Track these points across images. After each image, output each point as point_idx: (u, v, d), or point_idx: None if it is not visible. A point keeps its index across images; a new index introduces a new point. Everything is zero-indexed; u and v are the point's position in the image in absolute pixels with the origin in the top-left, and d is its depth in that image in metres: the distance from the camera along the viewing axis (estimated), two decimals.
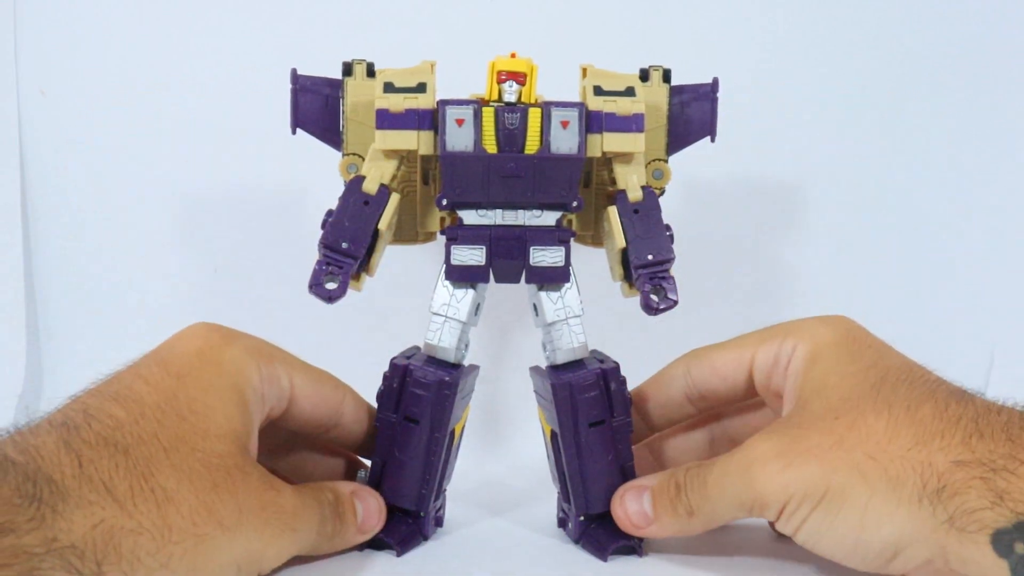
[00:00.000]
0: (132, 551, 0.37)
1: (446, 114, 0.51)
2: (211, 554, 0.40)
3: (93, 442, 0.39)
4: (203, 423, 0.44)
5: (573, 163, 0.52)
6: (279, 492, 0.46)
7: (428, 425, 0.54)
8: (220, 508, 0.41)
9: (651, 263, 0.54)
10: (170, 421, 0.42)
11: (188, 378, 0.45)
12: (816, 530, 0.44)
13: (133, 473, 0.39)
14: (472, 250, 0.54)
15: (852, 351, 0.49)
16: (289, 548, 0.46)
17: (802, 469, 0.44)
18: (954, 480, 0.40)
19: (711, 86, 0.57)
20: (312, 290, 0.52)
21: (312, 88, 0.56)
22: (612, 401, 0.55)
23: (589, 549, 0.56)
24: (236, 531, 0.42)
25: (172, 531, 0.39)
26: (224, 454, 0.43)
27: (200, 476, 0.41)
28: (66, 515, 0.36)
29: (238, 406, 0.46)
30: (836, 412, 0.46)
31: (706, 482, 0.49)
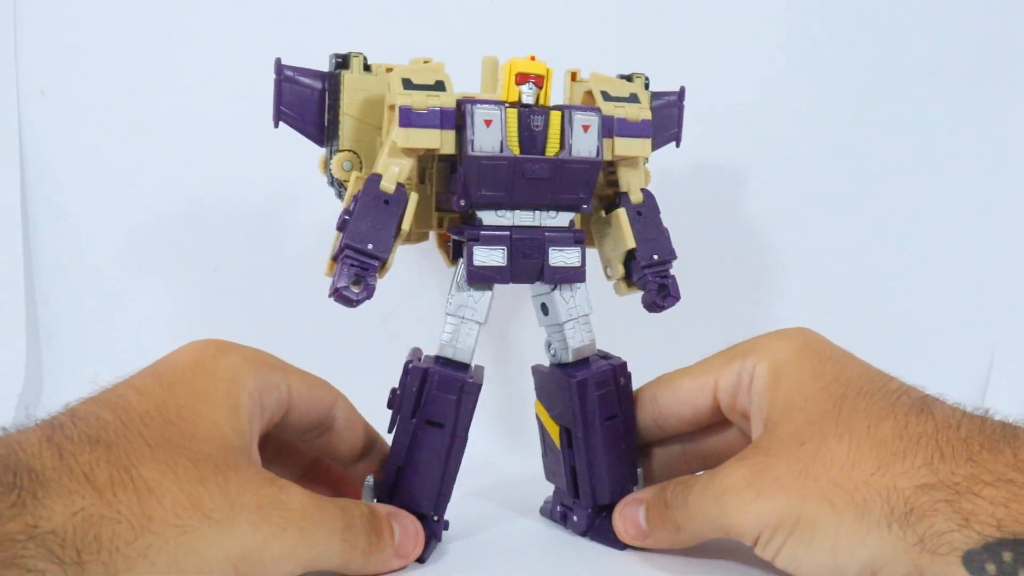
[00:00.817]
0: (111, 540, 0.37)
1: (473, 114, 0.51)
2: (197, 548, 0.39)
3: (76, 438, 0.39)
4: (190, 428, 0.43)
5: (592, 166, 0.53)
6: (283, 489, 0.44)
7: (451, 428, 0.54)
8: (207, 501, 0.40)
9: (656, 263, 0.56)
10: (156, 425, 0.42)
11: (178, 387, 0.45)
12: (793, 556, 0.45)
13: (114, 465, 0.38)
14: (493, 251, 0.53)
15: (813, 366, 0.50)
16: (297, 551, 0.43)
17: (772, 500, 0.45)
18: (920, 504, 0.41)
19: (678, 94, 0.60)
20: (337, 293, 0.50)
21: (295, 79, 0.54)
22: (621, 396, 0.57)
23: (602, 540, 0.57)
24: (226, 526, 0.40)
25: (152, 521, 0.38)
26: (213, 453, 0.42)
27: (186, 470, 0.40)
28: (46, 503, 0.36)
29: (230, 412, 0.45)
30: (801, 438, 0.46)
31: (687, 502, 0.50)
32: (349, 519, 0.47)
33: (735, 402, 0.54)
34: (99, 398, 0.44)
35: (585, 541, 0.58)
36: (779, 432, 0.48)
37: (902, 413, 0.45)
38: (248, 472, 0.43)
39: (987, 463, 0.40)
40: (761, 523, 0.45)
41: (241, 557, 0.41)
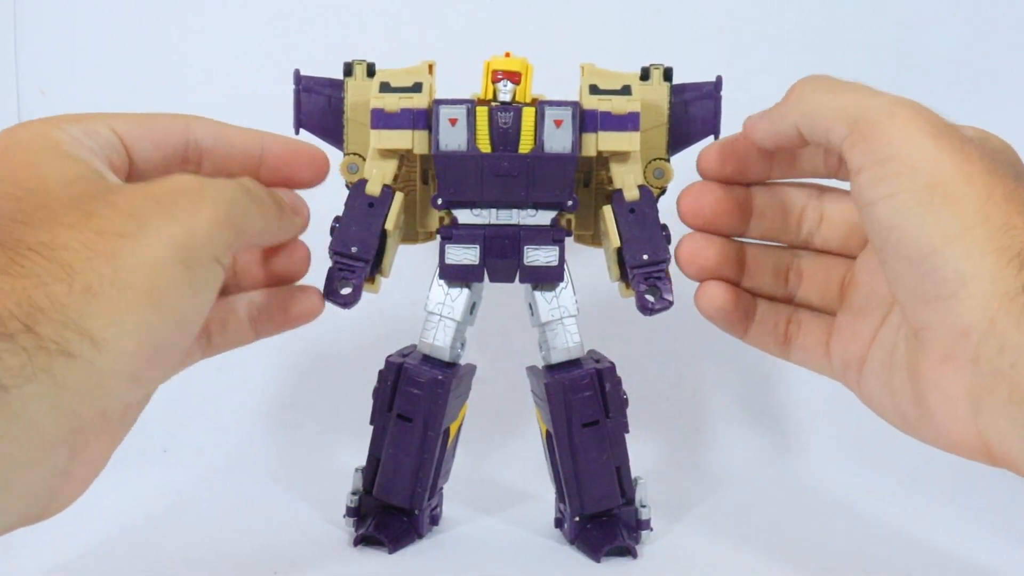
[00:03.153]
0: (48, 299, 0.34)
1: (439, 113, 0.52)
2: (131, 263, 0.36)
3: None
4: (42, 189, 0.38)
5: (567, 162, 0.52)
6: (170, 179, 0.40)
7: (421, 424, 0.55)
8: (108, 224, 0.37)
9: (646, 263, 0.54)
10: (11, 205, 0.37)
11: (4, 172, 0.39)
12: (906, 214, 0.40)
13: (5, 250, 0.35)
14: (466, 249, 0.54)
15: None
16: (218, 218, 0.40)
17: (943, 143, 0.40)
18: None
19: (715, 85, 0.57)
20: (327, 297, 0.51)
21: (314, 88, 0.56)
22: (607, 401, 0.55)
23: (583, 550, 0.56)
24: (143, 231, 0.37)
25: (71, 266, 0.35)
26: (82, 193, 0.38)
27: (70, 216, 0.36)
28: None
29: (64, 160, 0.40)
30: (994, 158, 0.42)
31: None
32: (242, 184, 0.43)
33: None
34: None
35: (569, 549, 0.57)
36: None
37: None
38: (126, 187, 0.39)
39: None
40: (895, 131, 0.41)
41: (176, 247, 0.37)
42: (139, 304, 0.36)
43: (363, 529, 0.57)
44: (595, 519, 0.56)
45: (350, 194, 0.54)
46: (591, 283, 0.61)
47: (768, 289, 0.53)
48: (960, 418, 0.40)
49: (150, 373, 0.37)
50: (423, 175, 0.57)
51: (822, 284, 0.51)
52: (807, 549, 0.58)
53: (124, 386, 0.36)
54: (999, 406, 0.38)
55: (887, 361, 0.45)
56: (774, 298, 0.53)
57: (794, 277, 0.52)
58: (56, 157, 0.40)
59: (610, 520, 0.56)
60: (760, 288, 0.53)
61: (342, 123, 0.56)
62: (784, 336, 0.52)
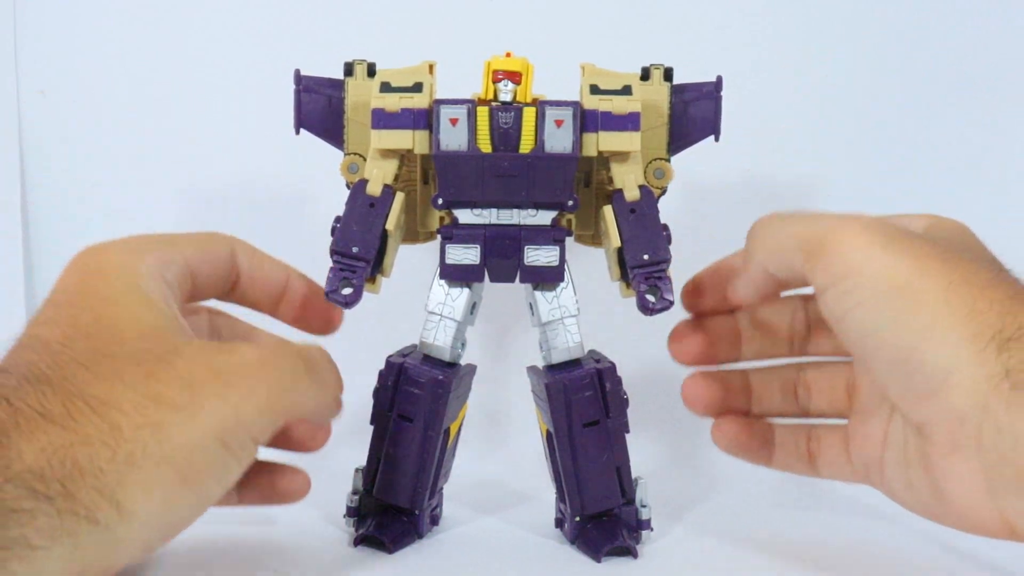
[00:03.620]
0: (90, 462, 0.36)
1: (440, 113, 0.52)
2: (177, 438, 0.38)
3: (15, 385, 0.37)
4: (113, 333, 0.40)
5: (567, 162, 0.52)
6: (232, 353, 0.42)
7: (422, 424, 0.55)
8: (165, 391, 0.38)
9: (647, 263, 0.54)
10: (80, 344, 0.40)
11: (81, 302, 0.42)
12: (875, 321, 0.42)
13: (62, 395, 0.37)
14: (467, 249, 0.54)
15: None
16: (272, 403, 0.42)
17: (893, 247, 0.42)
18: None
19: (715, 85, 0.57)
20: (328, 297, 0.52)
21: (315, 88, 0.56)
22: (608, 401, 0.55)
23: (583, 550, 0.56)
24: (194, 406, 0.39)
25: (122, 430, 0.37)
26: (149, 347, 0.40)
27: (131, 373, 0.38)
28: (11, 446, 0.35)
29: (141, 302, 0.42)
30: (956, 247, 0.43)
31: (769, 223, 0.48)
32: (309, 356, 0.45)
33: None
34: (13, 350, 0.41)
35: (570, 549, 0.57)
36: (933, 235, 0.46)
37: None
38: (191, 348, 0.41)
39: None
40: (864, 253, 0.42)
41: (221, 430, 0.39)
42: (173, 483, 0.38)
43: (363, 529, 0.56)
44: (595, 519, 0.56)
45: (351, 194, 0.54)
46: (591, 283, 0.61)
47: (780, 408, 0.54)
48: (978, 503, 0.41)
49: (162, 543, 0.39)
50: (423, 175, 0.57)
51: (829, 392, 0.52)
52: (808, 549, 0.58)
53: (135, 552, 0.38)
54: (1011, 486, 0.39)
55: (901, 457, 0.46)
56: (788, 414, 0.54)
57: (803, 391, 0.54)
58: (135, 301, 0.42)
59: (610, 520, 0.56)
60: (772, 410, 0.54)
61: (342, 123, 0.56)
62: (808, 454, 0.53)
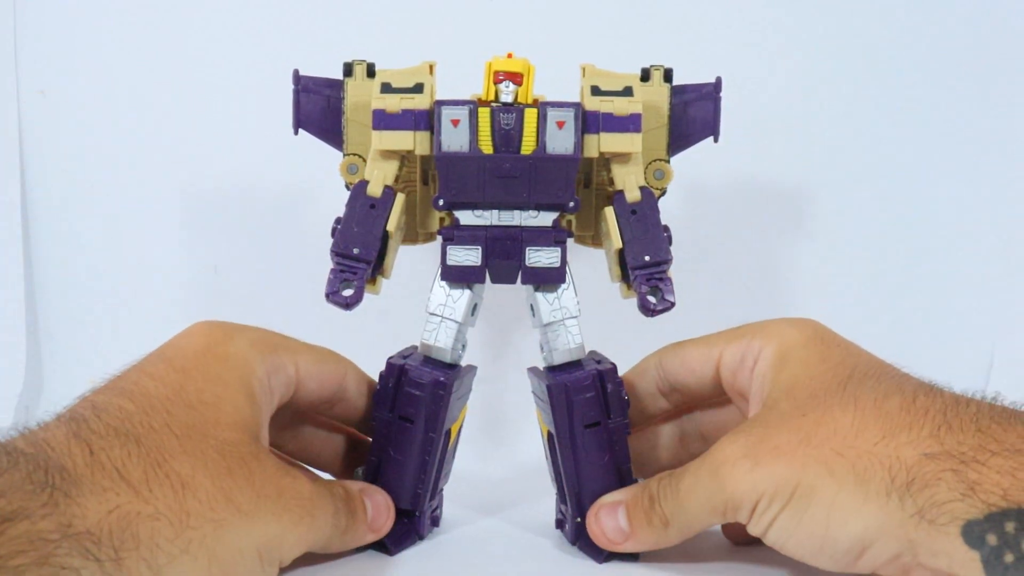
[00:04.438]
0: (150, 537, 0.36)
1: (441, 114, 0.52)
2: (230, 540, 0.40)
3: (103, 432, 0.39)
4: (213, 413, 0.43)
5: (569, 163, 0.52)
6: (295, 479, 0.45)
7: (423, 425, 0.55)
8: (237, 494, 0.41)
9: (648, 264, 0.54)
10: (179, 412, 0.42)
11: (194, 372, 0.45)
12: (785, 529, 0.44)
13: (146, 460, 0.38)
14: (468, 250, 0.54)
15: (820, 351, 0.49)
16: (307, 536, 0.46)
17: (770, 468, 0.44)
18: (923, 473, 0.40)
19: (714, 86, 0.57)
20: (329, 299, 0.52)
21: (314, 89, 0.56)
22: (608, 402, 0.55)
23: (586, 551, 0.56)
24: (254, 517, 0.41)
25: (190, 516, 0.38)
26: (237, 442, 0.43)
27: (215, 462, 0.41)
28: (79, 501, 0.35)
29: (247, 397, 0.46)
30: (803, 410, 0.45)
31: (678, 489, 0.49)
32: (336, 503, 0.49)
33: (735, 380, 0.53)
34: (114, 386, 0.43)
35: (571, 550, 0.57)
36: (780, 408, 0.47)
37: (910, 390, 0.44)
38: (268, 462, 0.44)
39: (996, 434, 0.40)
40: (758, 492, 0.44)
41: (265, 546, 0.42)
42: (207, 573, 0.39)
43: None
44: None
45: (351, 195, 0.54)
46: (592, 284, 0.61)
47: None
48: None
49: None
50: (423, 176, 0.57)
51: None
52: None
53: None
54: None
55: None
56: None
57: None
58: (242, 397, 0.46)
59: None
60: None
61: (341, 124, 0.56)
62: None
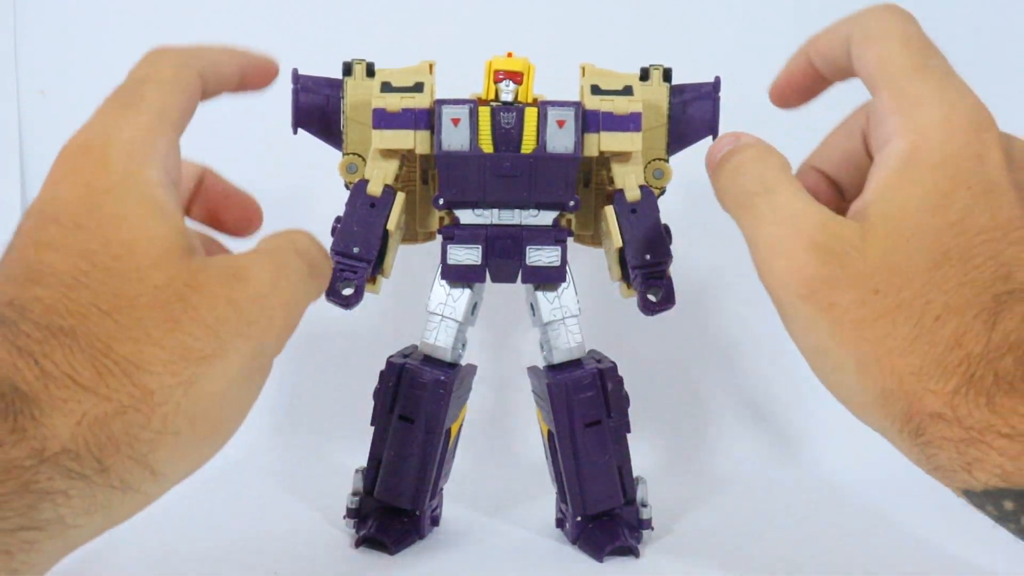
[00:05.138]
0: (125, 431, 0.35)
1: (442, 113, 0.52)
2: (206, 390, 0.37)
3: (38, 336, 0.35)
4: (130, 262, 0.37)
5: (569, 162, 0.52)
6: (246, 281, 0.39)
7: (423, 424, 0.55)
8: (193, 342, 0.36)
9: (648, 263, 0.54)
10: (97, 280, 0.36)
11: (88, 222, 0.37)
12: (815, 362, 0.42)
13: (90, 354, 0.35)
14: (468, 249, 0.54)
15: (946, 188, 0.41)
16: (287, 324, 0.40)
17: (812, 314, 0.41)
18: (931, 430, 0.39)
19: (713, 85, 0.57)
20: (328, 298, 0.52)
21: (313, 88, 0.56)
22: (609, 401, 0.55)
23: (585, 550, 0.56)
24: (221, 353, 0.37)
25: (154, 394, 0.35)
26: (168, 281, 0.37)
27: (156, 323, 0.36)
28: (44, 421, 0.34)
29: (156, 215, 0.38)
30: (879, 284, 0.41)
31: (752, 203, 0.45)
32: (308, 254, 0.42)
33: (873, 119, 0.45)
34: (15, 270, 0.37)
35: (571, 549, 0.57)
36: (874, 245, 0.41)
37: (971, 314, 0.40)
38: (207, 278, 0.38)
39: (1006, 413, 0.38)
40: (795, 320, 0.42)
41: (248, 369, 0.38)
42: (205, 438, 0.37)
43: (364, 530, 0.56)
44: (597, 519, 0.56)
45: (351, 194, 0.54)
46: (592, 283, 0.61)
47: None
48: None
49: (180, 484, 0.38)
50: (423, 175, 0.57)
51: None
52: (809, 549, 0.58)
53: (154, 500, 0.37)
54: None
55: None
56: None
57: None
58: (147, 214, 0.38)
59: (612, 520, 0.56)
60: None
61: (341, 123, 0.56)
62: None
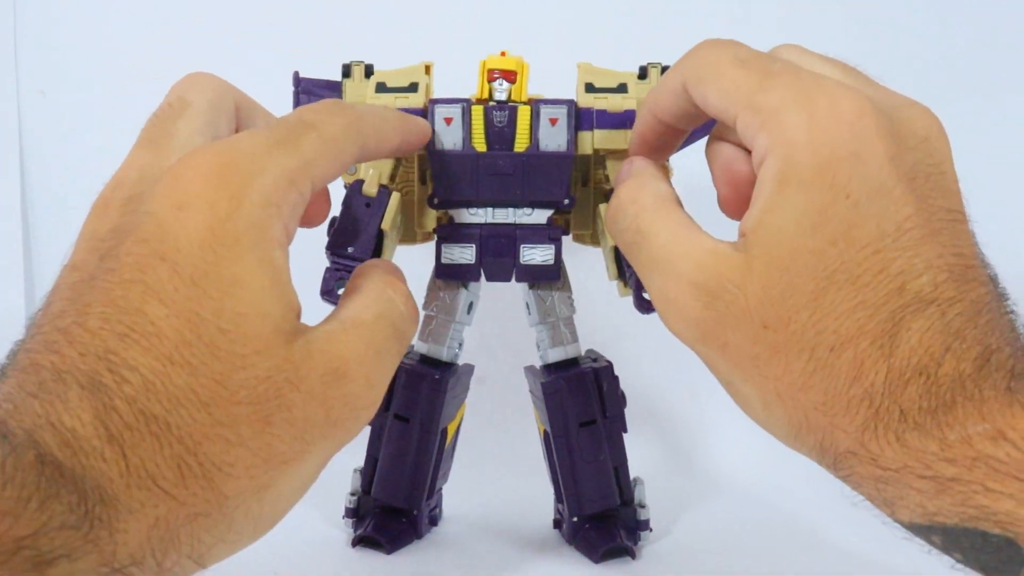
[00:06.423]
0: (191, 536, 0.34)
1: (435, 113, 0.52)
2: (281, 493, 0.35)
3: (131, 421, 0.33)
4: (238, 339, 0.34)
5: (562, 160, 0.52)
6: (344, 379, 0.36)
7: (418, 424, 0.55)
8: (279, 444, 0.34)
9: None
10: (201, 358, 0.33)
11: (205, 282, 0.34)
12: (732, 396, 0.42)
13: (177, 451, 0.33)
14: (462, 248, 0.54)
15: (822, 201, 0.37)
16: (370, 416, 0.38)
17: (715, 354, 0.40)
18: (847, 466, 0.38)
19: None
20: (324, 297, 0.51)
21: (313, 91, 0.56)
22: (604, 400, 0.55)
23: (582, 550, 0.56)
24: (303, 458, 0.35)
25: (229, 499, 0.34)
26: (271, 372, 0.34)
27: (250, 421, 0.34)
28: (119, 527, 0.32)
29: (272, 283, 0.35)
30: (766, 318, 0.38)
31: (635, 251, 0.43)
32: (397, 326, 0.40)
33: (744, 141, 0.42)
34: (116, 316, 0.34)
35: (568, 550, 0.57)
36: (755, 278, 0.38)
37: (867, 342, 0.37)
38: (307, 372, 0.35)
39: (918, 454, 0.36)
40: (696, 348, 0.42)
41: (324, 463, 0.37)
42: (258, 534, 0.36)
43: (362, 530, 0.56)
44: (593, 520, 0.56)
45: (347, 194, 0.54)
46: (588, 282, 0.60)
47: None
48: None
49: None
50: (421, 175, 0.57)
51: None
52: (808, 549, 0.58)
53: None
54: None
55: None
56: None
57: None
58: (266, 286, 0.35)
59: (609, 521, 0.56)
60: None
61: None
62: None
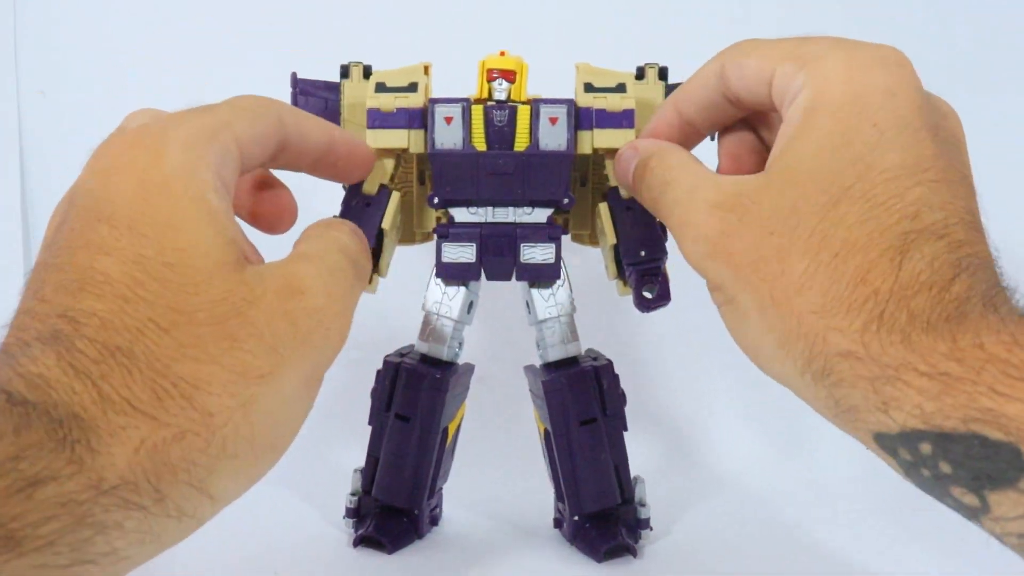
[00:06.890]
0: (183, 457, 0.34)
1: (435, 112, 0.52)
2: (263, 411, 0.36)
3: (95, 355, 0.34)
4: (187, 274, 0.36)
5: (562, 160, 0.52)
6: (302, 295, 0.38)
7: (419, 423, 0.55)
8: (251, 359, 0.36)
9: (643, 260, 0.54)
10: (153, 292, 0.35)
11: (143, 226, 0.36)
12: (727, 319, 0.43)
13: (148, 375, 0.34)
14: (462, 247, 0.54)
15: (847, 127, 0.40)
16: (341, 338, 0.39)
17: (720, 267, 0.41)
18: (841, 370, 0.37)
19: None
20: None
21: (312, 91, 0.56)
22: (604, 399, 0.55)
23: (583, 549, 0.56)
24: (279, 373, 0.36)
25: (214, 416, 0.34)
26: (224, 296, 0.36)
27: (215, 339, 0.35)
28: (103, 451, 0.32)
29: (209, 221, 0.37)
30: (772, 225, 0.40)
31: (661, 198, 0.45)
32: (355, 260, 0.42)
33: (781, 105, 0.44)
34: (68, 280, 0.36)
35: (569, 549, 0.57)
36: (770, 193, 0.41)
37: (876, 252, 0.38)
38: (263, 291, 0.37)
39: (924, 351, 0.36)
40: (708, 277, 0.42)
41: (303, 389, 0.38)
42: (261, 459, 0.36)
43: (363, 530, 0.56)
44: (594, 518, 0.56)
45: (347, 194, 0.55)
46: (588, 281, 0.60)
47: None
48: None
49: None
50: (420, 175, 0.57)
51: None
52: (808, 549, 0.58)
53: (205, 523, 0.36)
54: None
55: None
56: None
57: None
58: (203, 223, 0.37)
59: (609, 519, 0.56)
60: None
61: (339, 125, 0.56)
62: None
